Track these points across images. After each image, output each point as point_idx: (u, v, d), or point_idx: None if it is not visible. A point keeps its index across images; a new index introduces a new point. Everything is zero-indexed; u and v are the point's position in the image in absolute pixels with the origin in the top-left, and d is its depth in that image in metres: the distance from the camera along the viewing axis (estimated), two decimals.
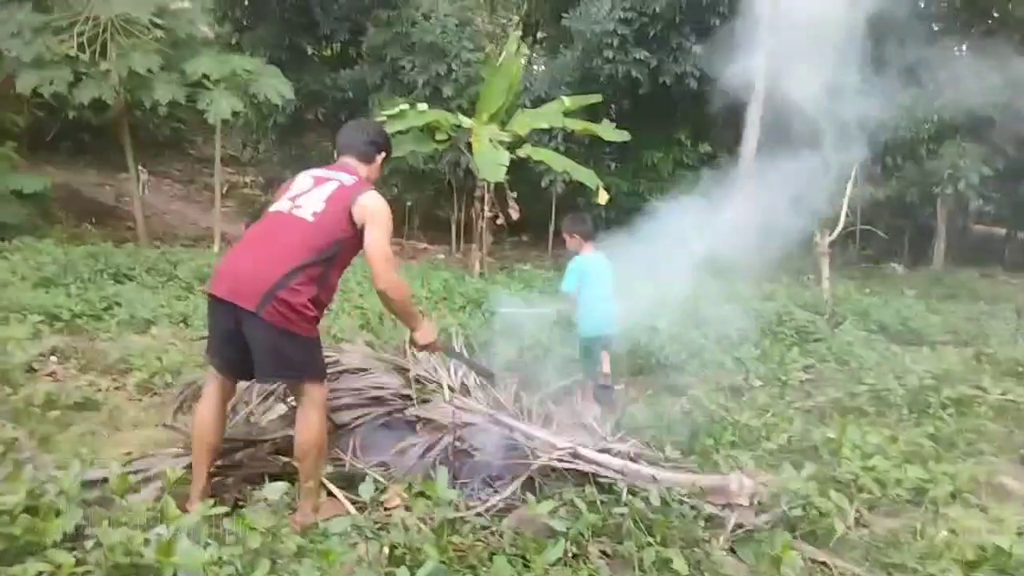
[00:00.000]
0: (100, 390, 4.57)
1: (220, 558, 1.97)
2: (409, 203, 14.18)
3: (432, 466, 3.17)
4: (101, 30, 9.97)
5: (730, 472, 3.15)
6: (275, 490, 2.35)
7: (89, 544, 2.40)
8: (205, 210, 14.36)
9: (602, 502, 2.76)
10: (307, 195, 2.92)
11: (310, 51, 15.68)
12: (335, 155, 3.18)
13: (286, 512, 2.54)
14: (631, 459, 3.11)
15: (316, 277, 2.80)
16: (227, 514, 2.76)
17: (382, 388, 3.71)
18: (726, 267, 12.01)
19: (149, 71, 10.08)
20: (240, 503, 3.03)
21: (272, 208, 2.97)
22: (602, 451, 3.12)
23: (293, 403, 3.33)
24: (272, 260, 2.75)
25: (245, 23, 15.18)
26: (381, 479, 3.15)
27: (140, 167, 12.37)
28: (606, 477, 2.90)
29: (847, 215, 8.51)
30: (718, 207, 6.07)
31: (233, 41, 14.87)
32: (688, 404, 4.40)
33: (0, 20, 9.73)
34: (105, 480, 2.76)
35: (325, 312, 3.07)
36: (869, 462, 3.39)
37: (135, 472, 3.04)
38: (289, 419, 3.37)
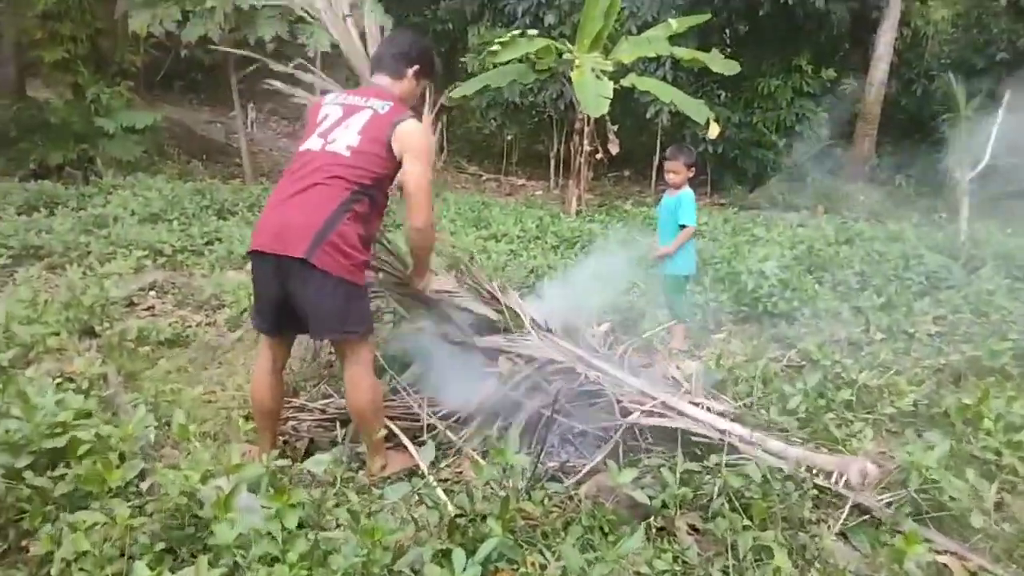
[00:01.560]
0: (191, 326, 4.62)
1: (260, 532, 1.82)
2: (508, 137, 13.85)
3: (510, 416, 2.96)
4: None
5: (846, 445, 2.75)
6: (319, 463, 2.19)
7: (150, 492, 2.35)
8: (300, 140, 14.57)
9: (693, 472, 2.45)
10: (339, 128, 2.65)
11: None
12: (374, 75, 2.85)
13: (342, 475, 2.39)
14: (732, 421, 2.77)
15: (360, 216, 2.59)
16: (291, 464, 2.69)
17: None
18: (846, 203, 11.10)
19: (252, 6, 10.08)
20: (310, 452, 2.94)
21: (302, 147, 2.71)
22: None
23: None
24: (315, 203, 2.52)
25: None
26: (452, 436, 2.96)
27: (249, 105, 12.60)
28: (702, 438, 2.58)
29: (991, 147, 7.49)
30: (839, 138, 5.41)
31: None
32: (797, 358, 3.96)
33: None
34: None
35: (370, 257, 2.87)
36: (1015, 436, 2.90)
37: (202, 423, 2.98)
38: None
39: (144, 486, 2.28)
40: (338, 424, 3.11)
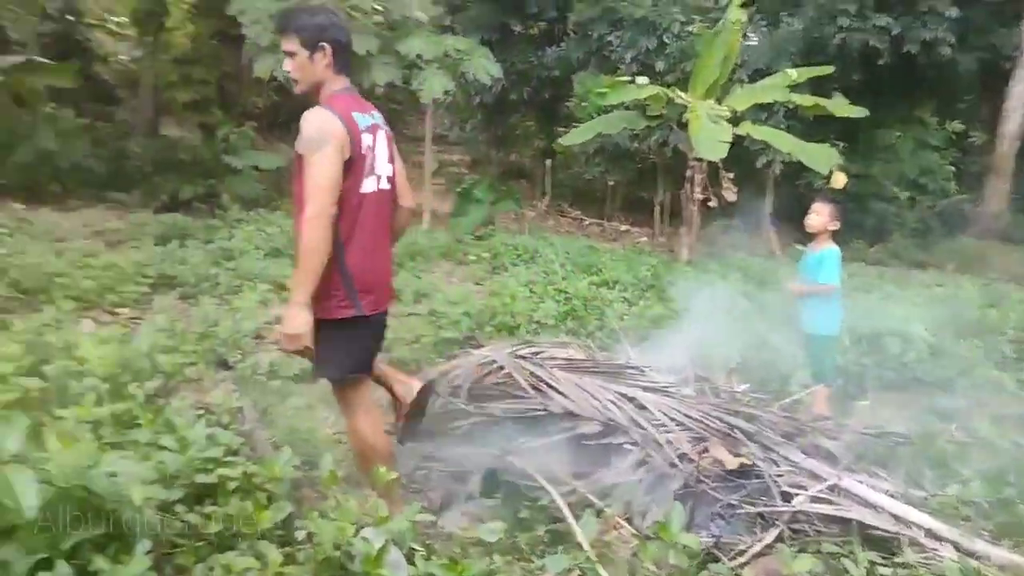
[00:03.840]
0: None
1: None
2: (611, 183, 13.77)
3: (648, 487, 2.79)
4: None
5: None
6: (491, 532, 2.08)
7: (300, 535, 2.30)
8: (415, 187, 14.90)
9: (876, 564, 2.20)
10: (379, 159, 2.57)
11: (517, 30, 15.71)
12: (340, 76, 2.56)
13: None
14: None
15: None
16: (434, 520, 2.60)
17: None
18: (979, 263, 10.37)
19: (368, 53, 10.48)
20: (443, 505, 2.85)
21: (366, 188, 2.52)
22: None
23: None
24: (389, 252, 2.77)
25: (458, 4, 15.50)
26: (594, 499, 2.80)
27: None
28: (882, 531, 2.32)
29: None
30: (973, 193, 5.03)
31: (447, 23, 15.26)
32: (962, 434, 3.61)
33: (240, 8, 10.53)
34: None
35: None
36: None
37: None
38: None
39: (300, 535, 2.21)
40: (472, 476, 3.01)
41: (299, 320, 2.39)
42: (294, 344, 2.43)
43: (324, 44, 2.47)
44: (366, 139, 2.50)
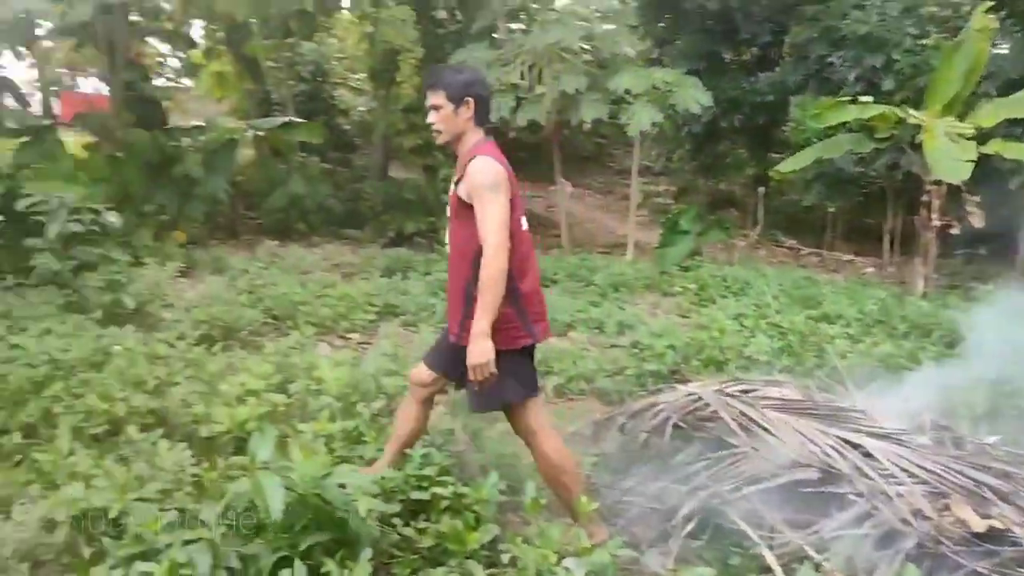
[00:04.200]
0: None
1: None
2: (831, 210, 12.84)
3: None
4: (539, 59, 10.99)
5: None
6: None
7: (504, 558, 2.37)
8: (620, 219, 14.98)
9: None
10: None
11: (728, 58, 15.31)
12: (479, 128, 2.78)
13: None
14: None
15: None
16: (636, 557, 2.54)
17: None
18: None
19: (577, 91, 10.78)
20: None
21: (523, 225, 2.80)
22: None
23: None
24: None
25: (666, 38, 15.46)
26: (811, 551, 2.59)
27: (564, 180, 13.41)
28: None
29: None
30: None
31: (654, 56, 15.27)
32: None
33: (460, 58, 11.33)
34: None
35: None
36: None
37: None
38: None
39: (504, 558, 2.28)
40: (677, 515, 2.91)
41: (486, 348, 2.53)
42: (483, 372, 2.56)
43: (468, 98, 2.69)
44: (513, 186, 2.71)
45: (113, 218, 6.65)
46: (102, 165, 8.94)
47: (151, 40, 13.17)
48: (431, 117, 2.76)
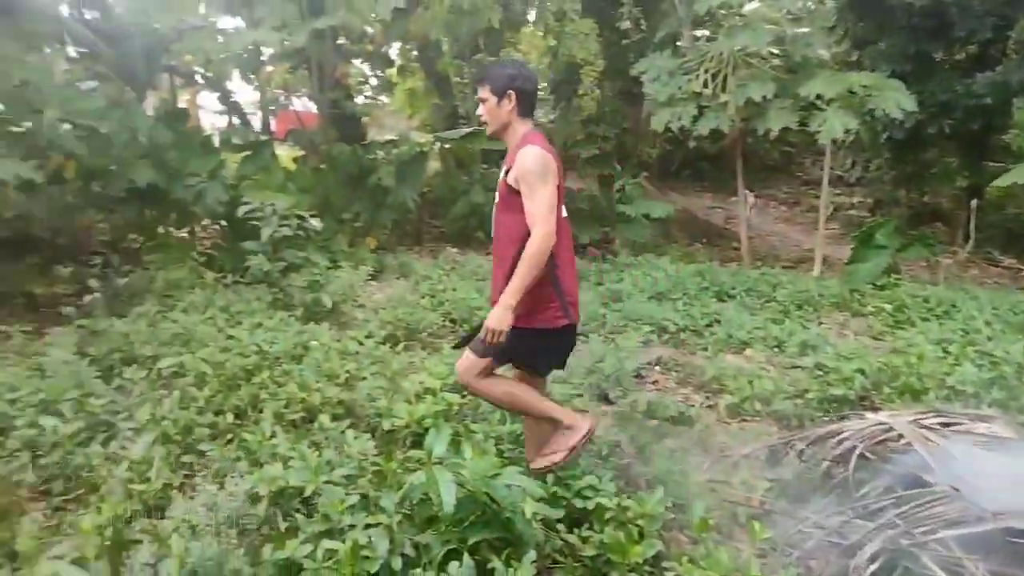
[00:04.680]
0: (693, 406, 4.68)
1: None
2: None
3: None
4: (724, 65, 10.65)
5: None
6: None
7: None
8: (807, 232, 14.12)
9: None
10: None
11: (939, 57, 13.93)
12: (526, 120, 2.93)
13: None
14: None
15: None
16: None
17: None
18: None
19: (764, 98, 10.31)
20: None
21: (563, 213, 2.91)
22: None
23: None
24: None
25: (867, 38, 14.37)
26: None
27: (748, 190, 12.87)
28: None
29: None
30: None
31: (852, 59, 14.25)
32: None
33: (643, 68, 11.24)
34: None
35: None
36: None
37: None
38: None
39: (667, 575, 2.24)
40: (861, 551, 2.70)
41: (507, 318, 2.70)
42: (497, 338, 2.72)
43: (511, 91, 2.85)
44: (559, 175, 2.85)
45: (316, 224, 7.31)
46: (308, 176, 9.86)
47: (354, 61, 14.34)
48: (479, 109, 2.94)
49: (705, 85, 10.65)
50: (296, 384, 4.00)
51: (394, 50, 14.76)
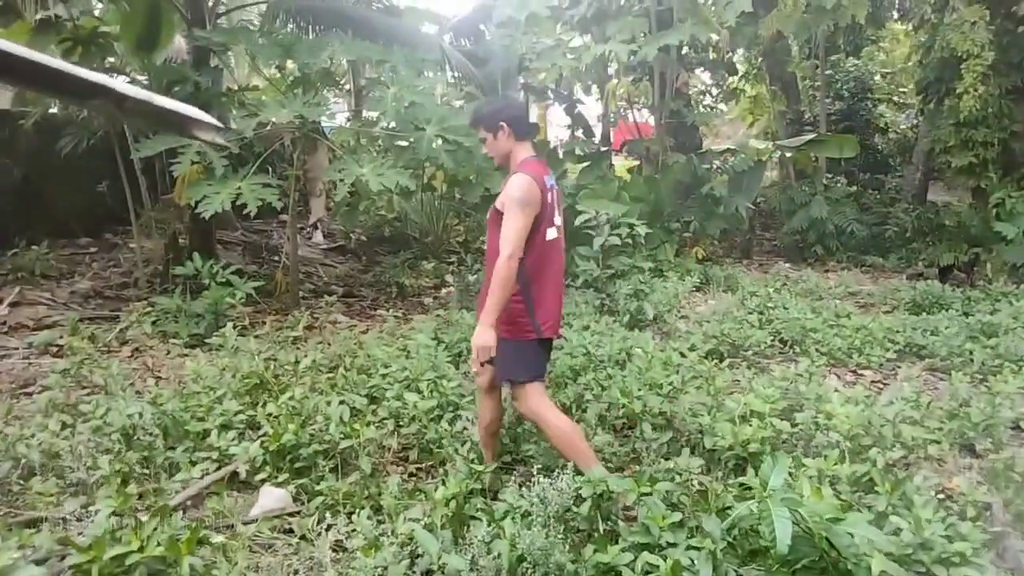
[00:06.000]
0: None
1: None
2: None
3: None
4: None
5: None
6: None
7: None
8: None
9: None
10: (556, 212, 3.11)
11: None
12: (524, 143, 3.16)
13: None
14: None
15: None
16: None
17: None
18: None
19: None
20: None
21: (550, 236, 3.08)
22: None
23: None
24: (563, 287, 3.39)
25: None
26: None
27: None
28: None
29: None
30: None
31: None
32: None
33: None
34: None
35: None
36: None
37: None
38: None
39: None
40: None
41: (488, 336, 2.86)
42: (483, 355, 2.88)
43: (502, 123, 3.09)
44: (548, 197, 3.04)
45: (644, 232, 7.39)
46: (641, 185, 10.02)
47: (696, 71, 14.25)
48: (483, 149, 3.24)
49: None
50: (619, 389, 4.06)
51: (738, 56, 14.35)
